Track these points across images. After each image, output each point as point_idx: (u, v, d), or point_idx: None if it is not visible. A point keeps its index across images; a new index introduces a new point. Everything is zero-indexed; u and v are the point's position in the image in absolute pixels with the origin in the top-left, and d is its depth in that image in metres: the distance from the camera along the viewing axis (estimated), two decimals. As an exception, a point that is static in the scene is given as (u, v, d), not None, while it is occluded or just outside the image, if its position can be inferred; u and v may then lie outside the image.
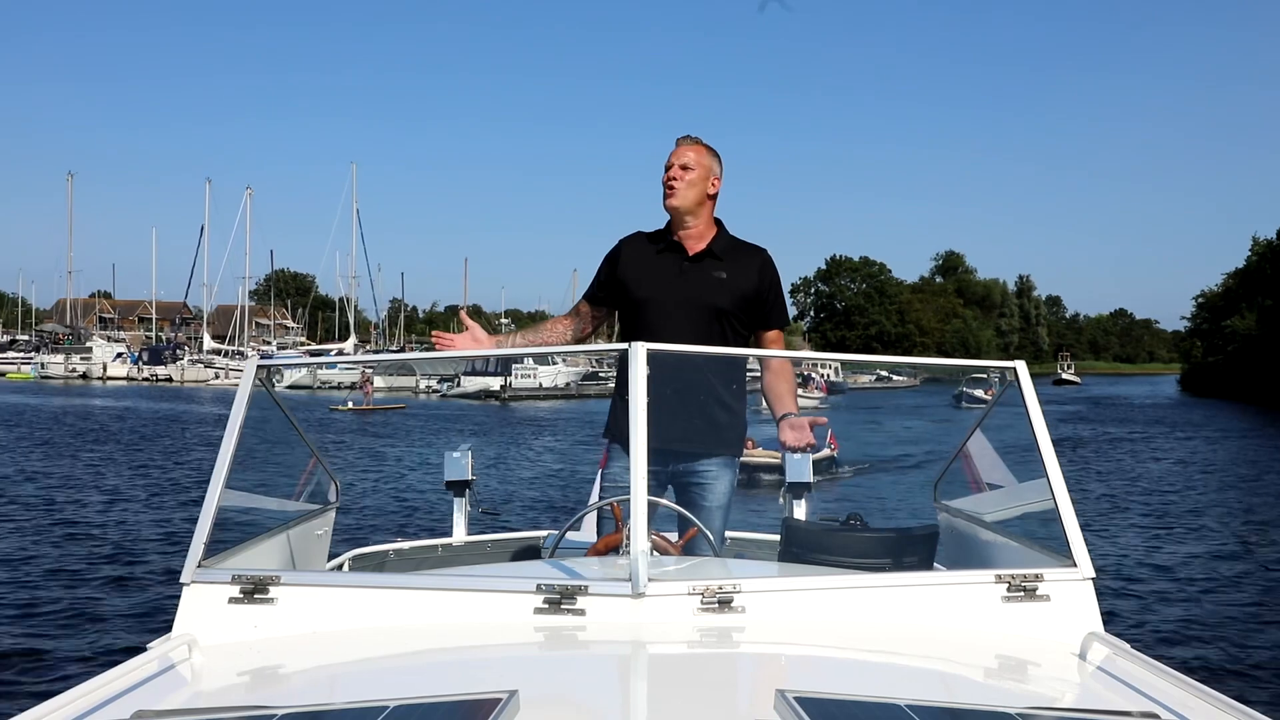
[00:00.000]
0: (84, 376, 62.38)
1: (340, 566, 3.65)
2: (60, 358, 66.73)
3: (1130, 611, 9.20)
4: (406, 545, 4.12)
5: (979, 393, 54.67)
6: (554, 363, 56.74)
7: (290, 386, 56.13)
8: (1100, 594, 2.29)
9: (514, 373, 54.11)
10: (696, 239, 3.46)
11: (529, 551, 4.06)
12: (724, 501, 3.48)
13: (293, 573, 2.36)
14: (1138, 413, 48.08)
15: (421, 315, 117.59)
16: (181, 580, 2.22)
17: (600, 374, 61.34)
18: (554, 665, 2.01)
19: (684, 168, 3.40)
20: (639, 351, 2.37)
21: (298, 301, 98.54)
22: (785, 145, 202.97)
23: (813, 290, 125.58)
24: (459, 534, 4.23)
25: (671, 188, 3.40)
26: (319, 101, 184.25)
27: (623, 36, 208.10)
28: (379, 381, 52.62)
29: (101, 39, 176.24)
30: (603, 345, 3.17)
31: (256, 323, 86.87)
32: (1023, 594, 2.24)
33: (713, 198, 3.47)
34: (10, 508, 13.62)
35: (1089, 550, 2.32)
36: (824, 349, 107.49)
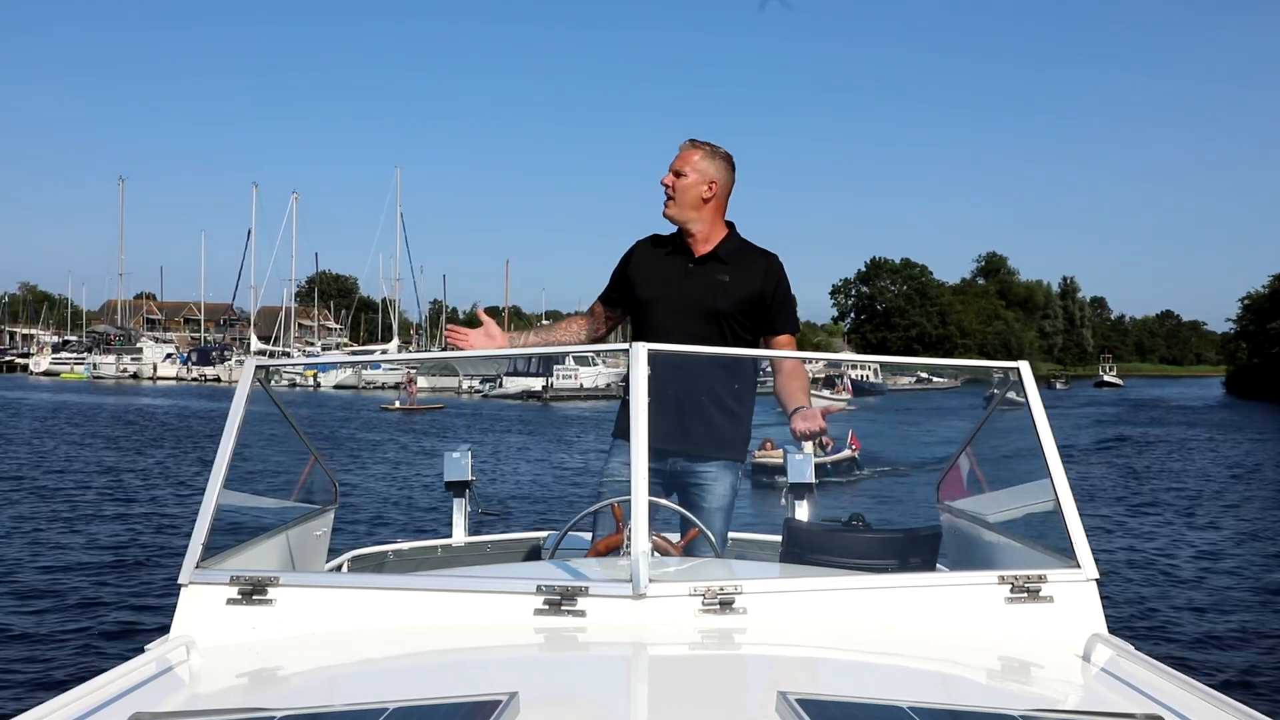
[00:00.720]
0: (134, 376, 65.20)
1: (339, 567, 3.65)
2: (112, 358, 69.09)
3: (1137, 613, 9.20)
4: (406, 546, 4.12)
5: (1013, 395, 54.58)
6: (595, 363, 56.96)
7: (337, 386, 59.68)
8: (1104, 595, 2.30)
9: (555, 373, 54.64)
10: (703, 242, 3.48)
11: (529, 552, 4.06)
12: (724, 503, 3.47)
13: (291, 574, 2.36)
14: (1176, 415, 47.56)
15: (462, 316, 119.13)
16: (179, 581, 2.22)
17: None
18: (554, 667, 2.01)
19: (677, 175, 3.41)
20: (639, 352, 2.37)
21: (340, 303, 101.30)
22: (826, 147, 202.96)
23: (853, 292, 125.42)
24: (459, 535, 4.23)
25: (669, 196, 3.44)
26: (363, 105, 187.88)
27: (668, 38, 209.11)
28: (422, 382, 53.98)
29: (152, 45, 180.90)
30: (606, 345, 3.17)
31: (300, 324, 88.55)
32: (1026, 595, 2.24)
33: (710, 201, 3.46)
34: (35, 505, 13.73)
35: (1097, 552, 2.31)
36: (864, 350, 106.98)
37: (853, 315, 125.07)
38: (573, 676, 1.92)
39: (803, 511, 4.02)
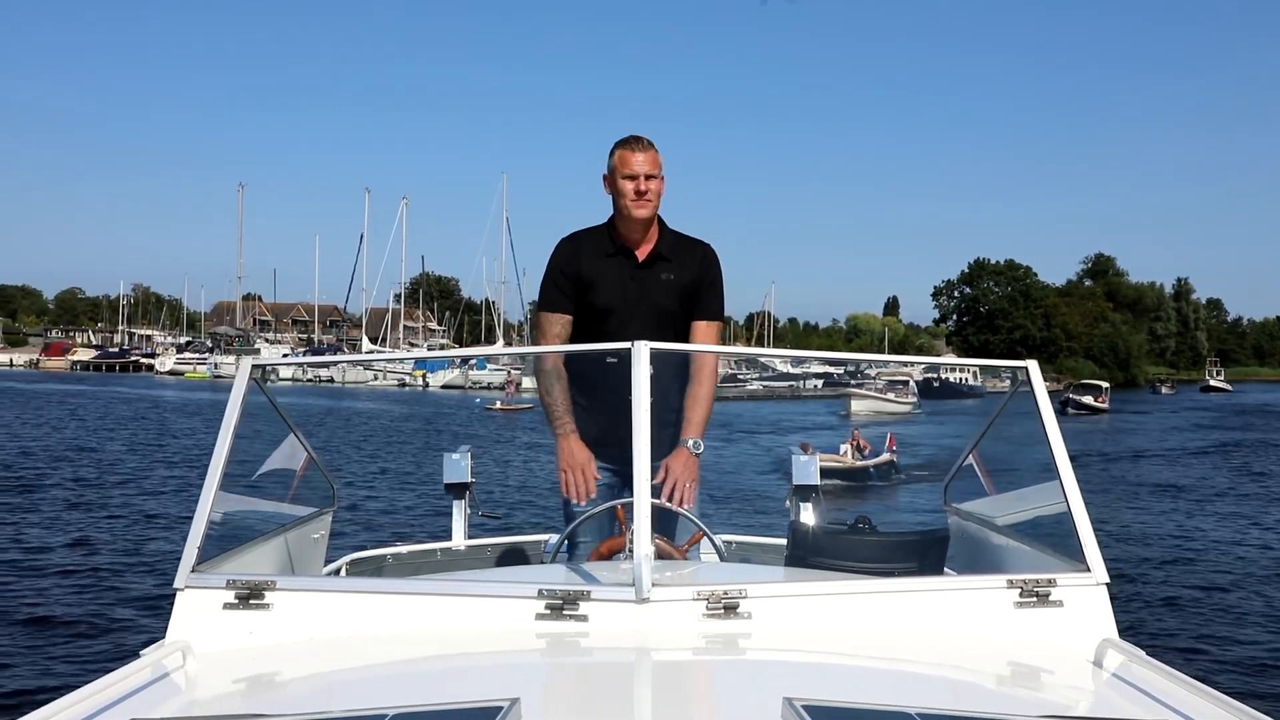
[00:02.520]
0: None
1: (337, 571, 3.65)
2: (231, 358, 72.20)
3: (1150, 618, 9.20)
4: (405, 549, 4.12)
5: (1088, 399, 54.37)
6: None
7: (444, 386, 63.69)
8: (1115, 600, 2.30)
9: None
10: (645, 242, 3.50)
11: (531, 556, 4.06)
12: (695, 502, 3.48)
13: (289, 577, 2.36)
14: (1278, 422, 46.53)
15: None
16: (175, 585, 2.22)
17: (739, 376, 63.07)
18: (556, 672, 2.02)
19: (650, 177, 3.40)
20: (642, 352, 2.37)
21: (444, 304, 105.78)
22: (928, 147, 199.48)
23: (955, 293, 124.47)
24: (458, 538, 4.23)
25: (648, 200, 3.39)
26: (472, 111, 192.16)
27: (779, 39, 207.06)
28: (527, 382, 57.36)
29: (274, 57, 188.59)
30: (607, 345, 3.17)
31: (405, 325, 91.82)
32: (1035, 599, 2.23)
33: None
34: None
35: (1105, 555, 2.32)
36: (966, 353, 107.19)
37: (955, 317, 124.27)
38: (575, 682, 1.92)
39: (807, 514, 4.02)
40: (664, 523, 3.16)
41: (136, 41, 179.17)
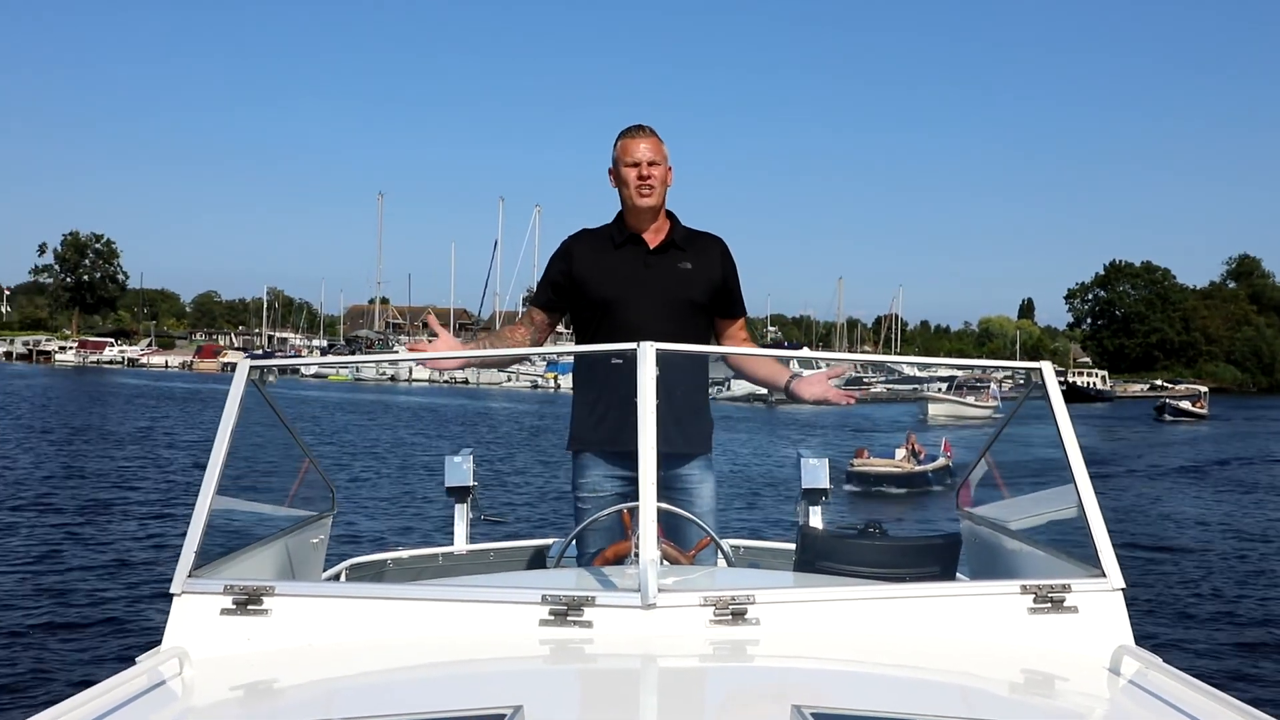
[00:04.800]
0: (392, 379, 72.66)
1: (337, 576, 3.66)
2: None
3: (1168, 626, 9.17)
4: (405, 554, 4.12)
5: (1185, 405, 53.78)
6: (817, 367, 59.03)
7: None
8: (1131, 606, 2.29)
9: None
10: (656, 231, 3.49)
11: (533, 560, 4.07)
12: (711, 505, 3.50)
13: (288, 583, 2.37)
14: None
15: None
16: (171, 590, 2.22)
17: (864, 379, 64.02)
18: (560, 680, 2.02)
19: (653, 164, 3.40)
20: (647, 352, 2.37)
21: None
22: (1066, 146, 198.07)
23: (1089, 296, 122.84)
24: (460, 542, 4.24)
25: (651, 186, 3.40)
26: (599, 122, 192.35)
27: (900, 36, 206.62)
28: None
29: (412, 69, 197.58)
30: (610, 345, 3.17)
31: None
32: (1050, 605, 2.23)
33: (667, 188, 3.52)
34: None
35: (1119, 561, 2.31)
36: (1101, 356, 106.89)
37: (1089, 321, 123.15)
38: (580, 690, 1.92)
39: (817, 518, 4.02)
40: (671, 528, 3.16)
41: (282, 57, 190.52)
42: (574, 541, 3.32)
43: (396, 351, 78.57)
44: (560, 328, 3.87)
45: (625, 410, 2.33)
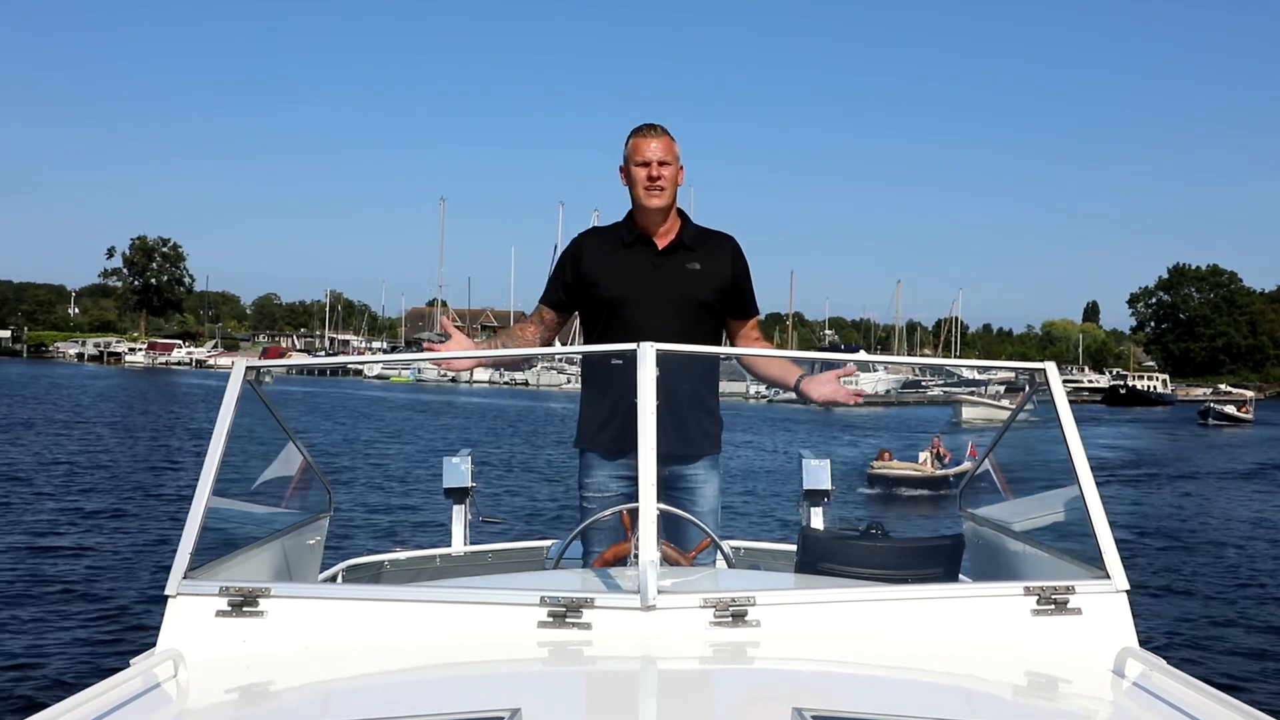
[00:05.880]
0: (454, 380, 73.84)
1: (333, 578, 3.66)
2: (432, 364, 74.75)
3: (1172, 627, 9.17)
4: (403, 555, 4.13)
5: (1230, 409, 53.59)
6: (875, 369, 61.96)
7: None
8: (1135, 608, 2.29)
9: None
10: (665, 232, 3.49)
11: (532, 562, 4.07)
12: (715, 505, 3.51)
13: (284, 584, 2.36)
14: None
15: None
16: (166, 592, 2.22)
17: (922, 382, 64.47)
18: (559, 682, 2.02)
19: (663, 164, 3.40)
20: (647, 353, 2.37)
21: None
22: (1122, 149, 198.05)
23: (1153, 300, 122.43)
24: (458, 543, 4.24)
25: (661, 187, 3.40)
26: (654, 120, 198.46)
27: (968, 38, 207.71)
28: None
29: (472, 72, 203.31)
30: (612, 346, 3.17)
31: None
32: (1053, 607, 2.23)
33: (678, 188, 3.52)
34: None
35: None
36: (1166, 361, 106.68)
37: (1152, 325, 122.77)
38: (578, 692, 1.92)
39: (818, 519, 4.03)
40: (671, 527, 3.17)
41: (345, 63, 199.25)
42: (576, 541, 3.32)
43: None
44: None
45: (629, 410, 2.34)
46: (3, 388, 46.99)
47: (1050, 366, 2.67)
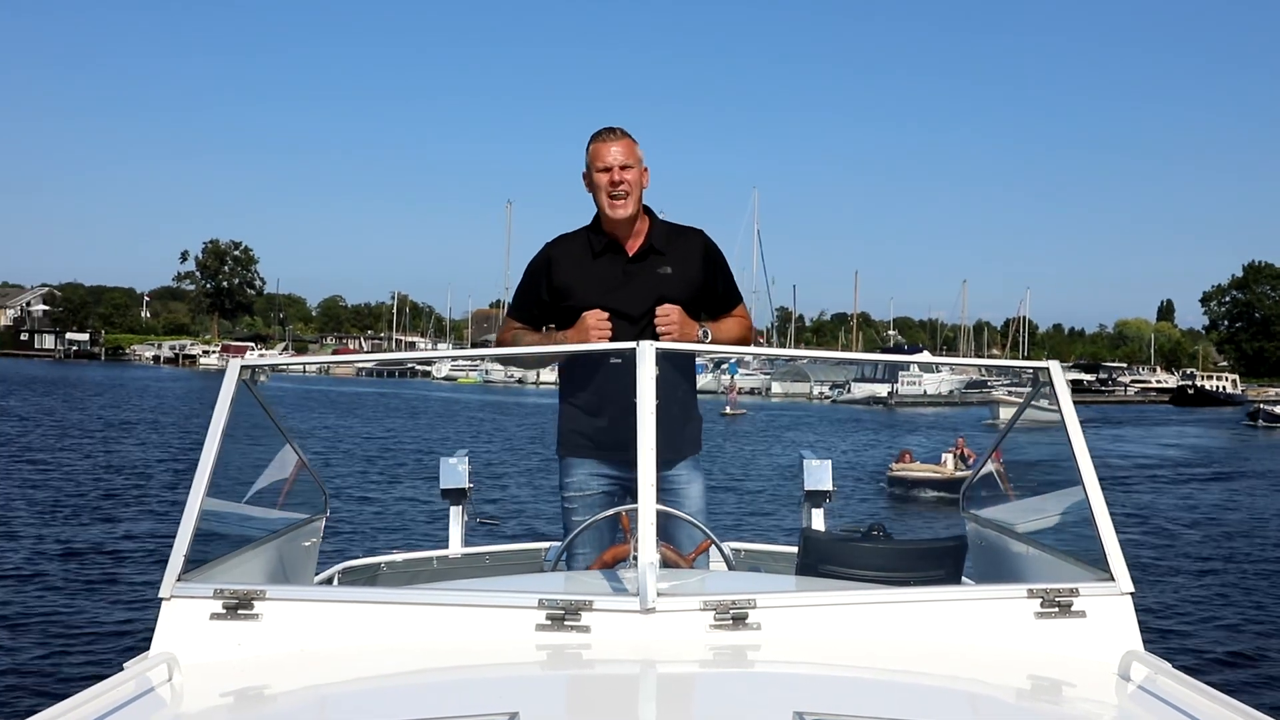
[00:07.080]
0: (520, 381, 75.39)
1: (329, 580, 3.66)
2: (500, 365, 78.10)
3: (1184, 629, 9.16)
4: (400, 558, 4.12)
5: (1279, 410, 53.08)
6: (938, 370, 64.03)
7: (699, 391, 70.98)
8: (1140, 610, 2.29)
9: (900, 380, 61.42)
10: (634, 236, 3.45)
11: (531, 564, 4.07)
12: (701, 505, 3.49)
13: (279, 587, 2.36)
14: None
15: (809, 323, 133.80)
16: (160, 595, 2.22)
17: (987, 383, 65.24)
18: (557, 685, 2.02)
19: (625, 168, 3.35)
20: (647, 352, 2.37)
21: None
22: (1194, 146, 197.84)
23: (1226, 298, 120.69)
24: (455, 546, 4.23)
25: (625, 192, 3.35)
26: (721, 124, 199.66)
27: (1023, 41, 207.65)
28: (776, 387, 69.33)
29: (533, 74, 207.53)
30: (610, 345, 3.17)
31: None
32: (1057, 610, 2.23)
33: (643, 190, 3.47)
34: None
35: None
36: (1239, 360, 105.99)
37: (1225, 323, 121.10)
38: (577, 696, 1.92)
39: (819, 521, 4.02)
40: (669, 530, 3.17)
41: (411, 66, 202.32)
42: (581, 539, 3.32)
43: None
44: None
45: (615, 411, 2.33)
46: (90, 389, 48.12)
47: (1054, 365, 2.66)
